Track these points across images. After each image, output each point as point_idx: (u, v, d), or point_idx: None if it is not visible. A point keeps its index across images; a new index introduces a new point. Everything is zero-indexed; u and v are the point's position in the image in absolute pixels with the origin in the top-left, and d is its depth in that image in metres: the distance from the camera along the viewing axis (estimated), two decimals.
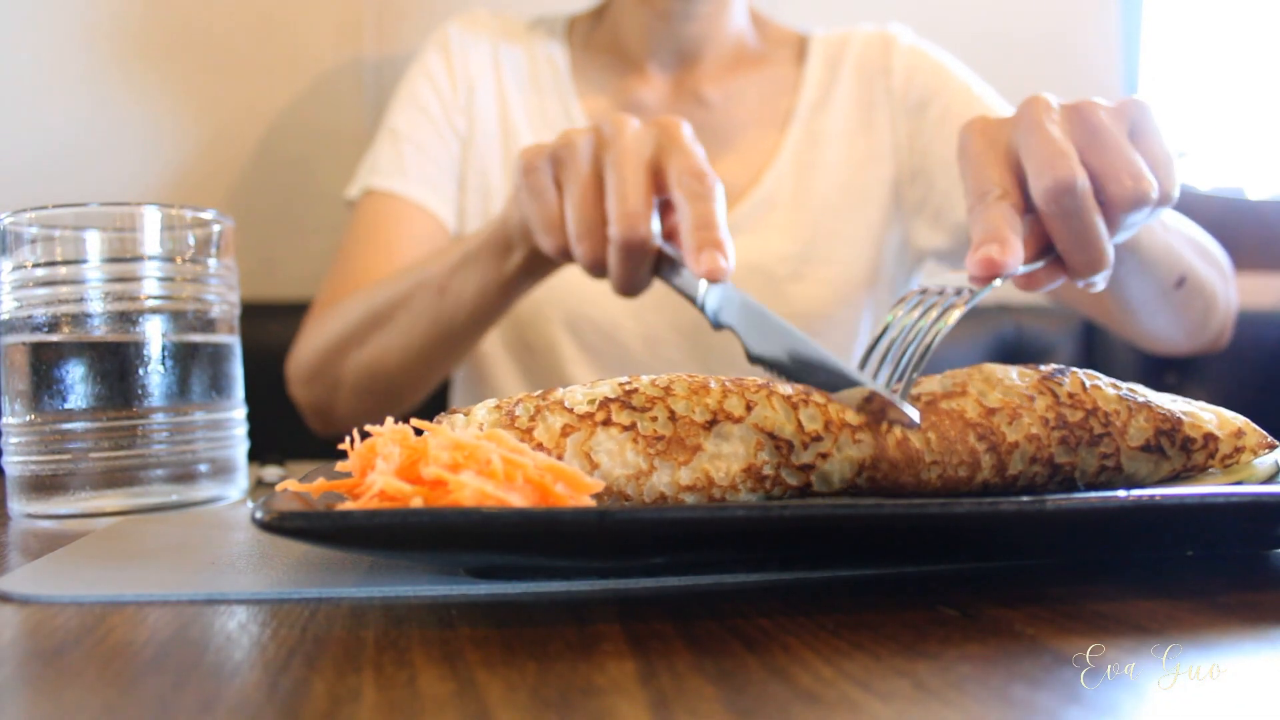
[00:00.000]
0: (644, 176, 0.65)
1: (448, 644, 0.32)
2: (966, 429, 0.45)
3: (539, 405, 0.44)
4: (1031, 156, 0.55)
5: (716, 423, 0.43)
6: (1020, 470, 0.46)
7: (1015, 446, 0.45)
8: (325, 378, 0.95)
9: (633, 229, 0.64)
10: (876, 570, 0.42)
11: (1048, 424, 0.46)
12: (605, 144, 0.67)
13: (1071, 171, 0.53)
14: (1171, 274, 0.85)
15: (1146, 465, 0.47)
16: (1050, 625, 0.34)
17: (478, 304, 0.82)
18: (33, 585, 0.40)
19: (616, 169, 0.65)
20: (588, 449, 0.42)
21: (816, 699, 0.27)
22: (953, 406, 0.46)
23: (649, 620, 0.35)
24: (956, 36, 1.18)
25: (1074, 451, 0.46)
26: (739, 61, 1.12)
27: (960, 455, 0.45)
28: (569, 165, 0.68)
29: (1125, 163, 0.55)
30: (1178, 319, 0.94)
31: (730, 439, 0.43)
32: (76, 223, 0.61)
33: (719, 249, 0.60)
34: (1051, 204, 0.54)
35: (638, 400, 0.44)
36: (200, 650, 0.32)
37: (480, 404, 0.46)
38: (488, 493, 0.36)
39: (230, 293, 0.67)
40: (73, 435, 0.60)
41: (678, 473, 0.43)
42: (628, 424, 0.43)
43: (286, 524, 0.35)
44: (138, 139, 1.32)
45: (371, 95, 1.38)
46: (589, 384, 0.46)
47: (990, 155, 0.57)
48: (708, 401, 0.44)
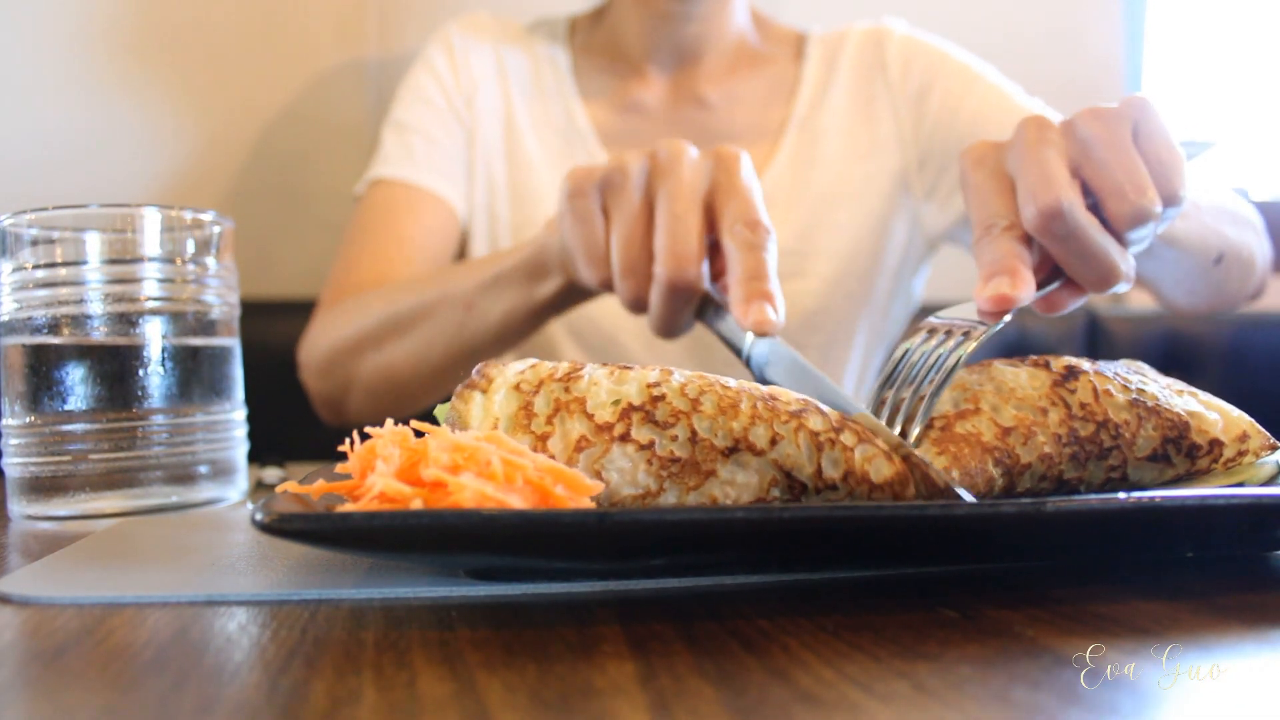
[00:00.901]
0: (698, 215, 0.62)
1: (447, 645, 0.32)
2: (985, 455, 0.45)
3: (559, 400, 0.43)
4: (1020, 182, 0.54)
5: (737, 451, 0.42)
6: (1028, 487, 0.46)
7: (1028, 468, 0.45)
8: (339, 374, 0.94)
9: (681, 271, 0.61)
10: (876, 571, 0.42)
11: (1060, 440, 0.45)
12: (660, 174, 0.64)
13: (1056, 198, 0.51)
14: (1208, 254, 0.84)
15: (1152, 473, 0.47)
16: (1050, 626, 0.34)
17: (504, 325, 0.80)
18: (32, 587, 0.40)
19: (669, 204, 0.62)
20: (599, 467, 0.42)
21: (816, 700, 0.27)
22: (969, 430, 0.46)
23: (649, 621, 0.35)
24: (959, 34, 1.18)
25: (1083, 466, 0.46)
26: (739, 61, 1.12)
27: (975, 480, 0.45)
28: (620, 194, 0.64)
29: (1125, 175, 0.53)
30: (1219, 290, 0.94)
31: (746, 469, 0.42)
32: (76, 224, 0.61)
33: (769, 301, 0.58)
34: (1041, 232, 0.53)
35: (662, 413, 0.42)
36: (200, 652, 0.32)
37: (510, 367, 0.44)
38: (487, 494, 0.36)
39: (230, 294, 0.67)
40: (72, 437, 0.60)
41: (685, 497, 0.42)
42: (646, 442, 0.42)
43: (286, 526, 0.35)
44: (138, 138, 1.32)
45: (373, 94, 1.38)
46: (616, 371, 0.44)
47: (991, 185, 0.56)
48: (733, 425, 0.42)
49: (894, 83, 1.09)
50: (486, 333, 0.81)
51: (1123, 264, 0.55)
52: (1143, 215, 0.53)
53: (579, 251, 0.67)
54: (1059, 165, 0.53)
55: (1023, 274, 0.51)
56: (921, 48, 1.09)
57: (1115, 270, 0.54)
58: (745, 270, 0.60)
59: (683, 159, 0.64)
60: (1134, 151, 0.54)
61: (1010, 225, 0.54)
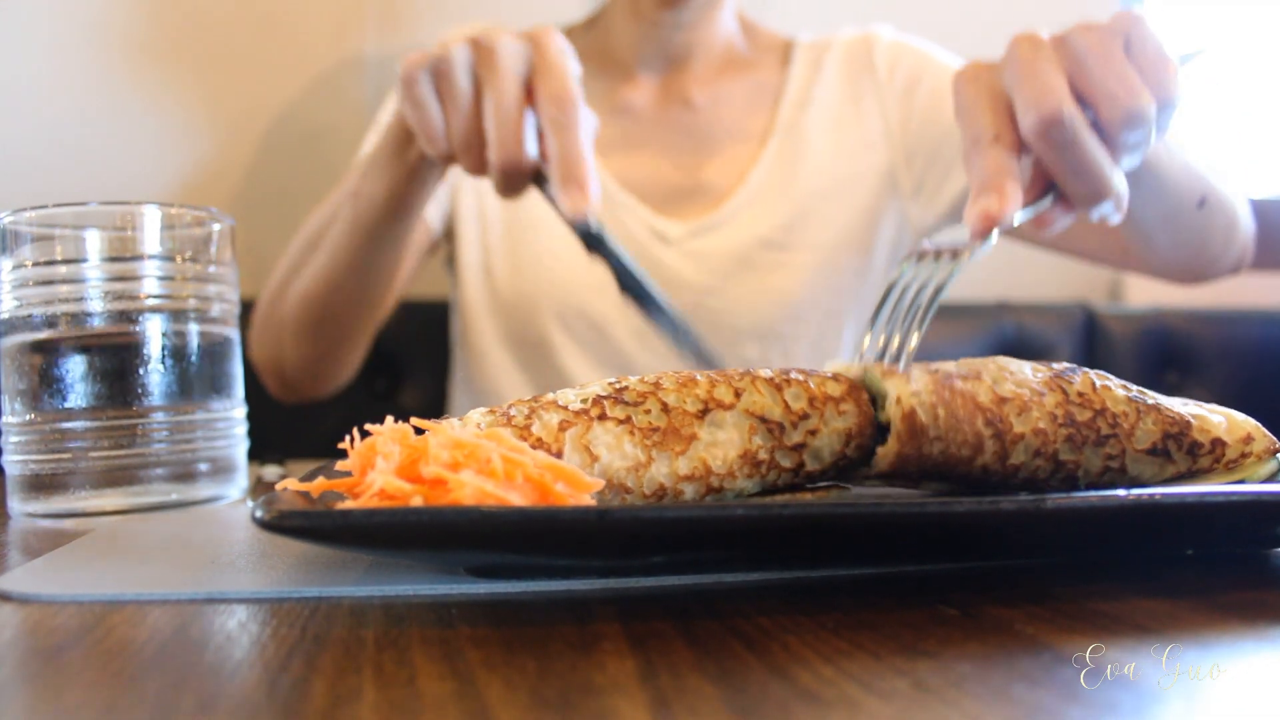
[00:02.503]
0: (518, 98, 0.66)
1: (448, 643, 0.32)
2: (976, 411, 0.45)
3: (532, 406, 0.44)
4: (1018, 94, 0.55)
5: (709, 411, 0.44)
6: (1022, 461, 0.46)
7: (1020, 438, 0.45)
8: (271, 325, 0.98)
9: (509, 156, 0.66)
10: (876, 569, 0.42)
11: (1055, 420, 0.46)
12: (484, 61, 0.67)
13: (1057, 103, 0.52)
14: (1193, 193, 0.84)
15: (1151, 468, 0.47)
16: (1050, 624, 0.34)
17: (389, 201, 0.83)
18: (32, 584, 0.40)
19: (493, 90, 0.66)
20: (586, 442, 0.42)
21: (817, 698, 0.27)
22: (966, 388, 0.46)
23: (649, 619, 0.35)
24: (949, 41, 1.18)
25: (1079, 450, 0.46)
26: (727, 66, 1.14)
27: (965, 435, 0.45)
28: (447, 81, 0.68)
29: (1116, 80, 0.54)
30: (1203, 241, 0.93)
31: (724, 426, 0.44)
32: (76, 222, 0.61)
33: (581, 184, 0.63)
34: (1040, 140, 0.53)
35: (629, 396, 0.44)
36: (200, 649, 0.32)
37: (474, 410, 0.46)
38: (488, 491, 0.36)
39: (230, 292, 0.67)
40: (72, 434, 0.60)
41: (676, 463, 0.43)
42: (623, 418, 0.43)
43: (286, 523, 0.35)
44: (138, 138, 1.32)
45: (372, 94, 1.38)
46: (579, 386, 0.46)
47: (983, 100, 0.57)
48: (697, 392, 0.45)
49: (882, 82, 1.10)
50: (376, 211, 0.83)
51: (1115, 178, 0.56)
52: (1136, 116, 0.54)
53: (419, 132, 0.71)
54: (1057, 75, 0.54)
55: (1010, 189, 0.52)
56: (908, 49, 1.11)
57: (1108, 183, 0.55)
58: (559, 153, 0.64)
59: (500, 45, 0.67)
60: (1125, 59, 0.55)
61: (997, 136, 0.55)
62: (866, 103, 1.10)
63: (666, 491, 0.43)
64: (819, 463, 0.45)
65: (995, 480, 0.46)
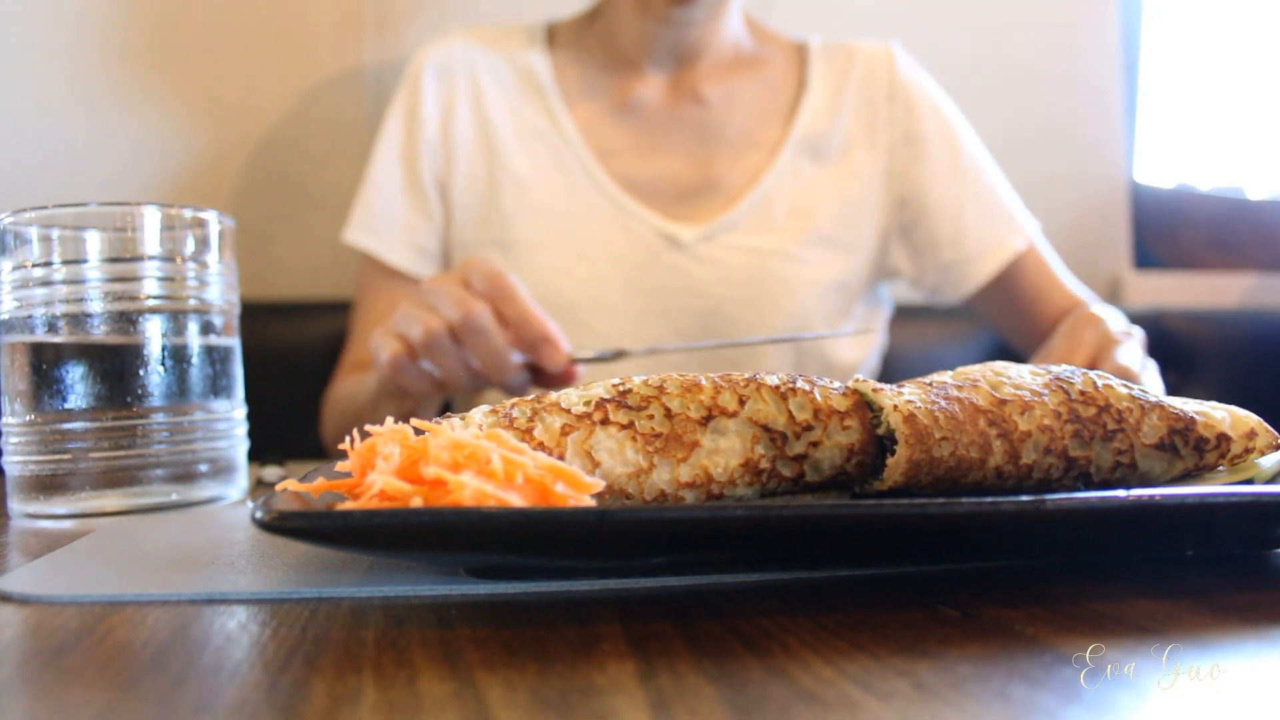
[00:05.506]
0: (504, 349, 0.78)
1: (448, 644, 0.32)
2: (976, 413, 0.45)
3: (535, 408, 0.44)
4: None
5: (712, 418, 0.44)
6: (1035, 460, 0.45)
7: (1028, 435, 0.45)
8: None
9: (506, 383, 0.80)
10: (876, 570, 0.42)
11: (1060, 417, 0.46)
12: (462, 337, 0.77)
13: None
14: None
15: (1161, 464, 0.47)
16: (1050, 625, 0.34)
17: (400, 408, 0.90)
18: (32, 585, 0.40)
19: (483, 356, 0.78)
20: (588, 447, 0.42)
21: (816, 699, 0.27)
22: (962, 395, 0.46)
23: (649, 620, 0.35)
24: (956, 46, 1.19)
25: (1088, 445, 0.46)
26: (737, 63, 1.14)
27: (970, 435, 0.44)
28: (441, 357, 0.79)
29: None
30: None
31: (727, 434, 0.44)
32: (76, 223, 0.61)
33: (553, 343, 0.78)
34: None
35: (633, 400, 0.44)
36: (200, 650, 0.32)
37: (475, 408, 0.46)
38: (488, 493, 0.36)
39: (230, 292, 0.67)
40: (73, 435, 0.60)
41: (677, 470, 0.43)
42: (625, 423, 0.43)
43: (286, 524, 0.35)
44: (138, 139, 1.32)
45: (372, 95, 1.38)
46: (582, 387, 0.46)
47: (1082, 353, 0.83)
48: (701, 398, 0.44)
49: (898, 120, 1.13)
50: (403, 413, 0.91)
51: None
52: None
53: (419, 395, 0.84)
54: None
55: None
56: (925, 96, 1.14)
57: None
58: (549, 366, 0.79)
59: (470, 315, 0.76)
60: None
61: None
62: (879, 132, 1.13)
63: (667, 498, 0.43)
64: (818, 474, 0.45)
65: (1010, 485, 0.46)
